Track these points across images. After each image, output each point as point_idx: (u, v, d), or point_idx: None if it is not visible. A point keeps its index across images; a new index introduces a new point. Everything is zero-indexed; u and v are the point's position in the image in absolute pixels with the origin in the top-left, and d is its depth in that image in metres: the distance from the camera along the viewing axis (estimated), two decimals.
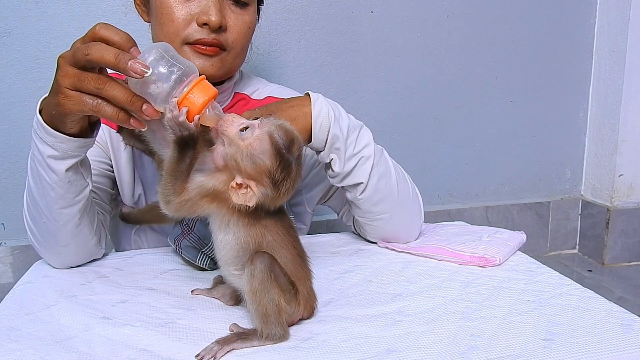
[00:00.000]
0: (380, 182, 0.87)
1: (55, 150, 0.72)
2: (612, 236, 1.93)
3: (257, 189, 0.61)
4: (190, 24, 0.89)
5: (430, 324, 0.67)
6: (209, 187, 0.64)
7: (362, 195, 0.87)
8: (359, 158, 0.85)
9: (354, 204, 0.91)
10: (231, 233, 0.64)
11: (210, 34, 0.90)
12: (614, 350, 0.60)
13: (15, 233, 1.55)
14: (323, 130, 0.82)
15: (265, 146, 0.60)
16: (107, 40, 0.63)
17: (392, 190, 0.89)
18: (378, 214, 0.91)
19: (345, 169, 0.85)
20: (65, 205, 0.78)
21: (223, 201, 0.64)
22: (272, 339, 0.62)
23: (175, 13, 0.89)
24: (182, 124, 0.60)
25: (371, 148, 0.86)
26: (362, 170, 0.85)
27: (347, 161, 0.85)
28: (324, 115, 0.82)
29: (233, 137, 0.61)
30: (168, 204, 0.64)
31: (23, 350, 0.60)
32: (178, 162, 0.63)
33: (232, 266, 0.65)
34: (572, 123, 1.99)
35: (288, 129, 0.63)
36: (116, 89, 0.63)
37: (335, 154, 0.84)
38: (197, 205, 0.64)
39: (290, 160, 0.62)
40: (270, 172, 0.61)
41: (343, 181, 0.87)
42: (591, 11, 1.91)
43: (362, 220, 0.94)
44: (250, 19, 0.96)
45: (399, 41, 1.75)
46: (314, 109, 0.82)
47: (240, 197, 0.61)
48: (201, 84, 0.61)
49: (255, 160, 0.60)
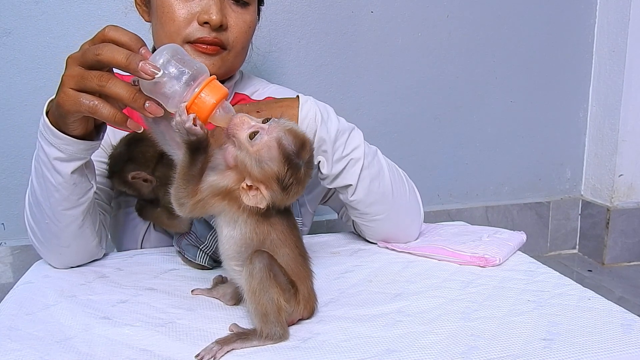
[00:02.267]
0: (372, 184, 0.87)
1: (61, 152, 0.72)
2: (612, 236, 1.93)
3: (266, 192, 0.61)
4: (191, 22, 0.90)
5: (430, 324, 0.67)
6: (220, 186, 0.64)
7: (354, 197, 0.88)
8: (347, 160, 0.85)
9: (348, 206, 0.92)
10: (238, 229, 0.65)
11: (211, 32, 0.90)
12: (614, 350, 0.60)
13: (15, 233, 1.55)
14: (309, 133, 0.81)
15: (274, 153, 0.61)
16: (116, 42, 0.63)
17: (386, 192, 0.89)
18: (373, 215, 0.91)
19: (334, 171, 0.85)
20: (69, 207, 0.78)
21: (234, 199, 0.64)
22: (272, 338, 0.62)
23: (176, 12, 0.89)
24: (189, 130, 0.60)
25: (361, 150, 0.86)
26: (351, 173, 0.85)
27: (335, 163, 0.84)
28: (310, 118, 0.82)
29: (243, 142, 0.62)
30: (182, 206, 0.65)
31: (23, 350, 0.60)
32: (190, 165, 0.63)
33: (234, 261, 0.65)
34: (572, 123, 1.99)
35: (298, 132, 0.63)
36: (119, 86, 0.63)
37: (322, 157, 0.84)
38: (209, 204, 0.64)
39: (299, 165, 0.62)
40: (278, 177, 0.61)
41: (333, 183, 0.87)
42: (591, 11, 1.91)
43: (358, 221, 0.94)
44: (251, 18, 0.96)
45: (399, 41, 1.75)
46: (301, 112, 0.82)
47: (252, 199, 0.62)
48: (211, 84, 0.61)
49: (263, 167, 0.61)
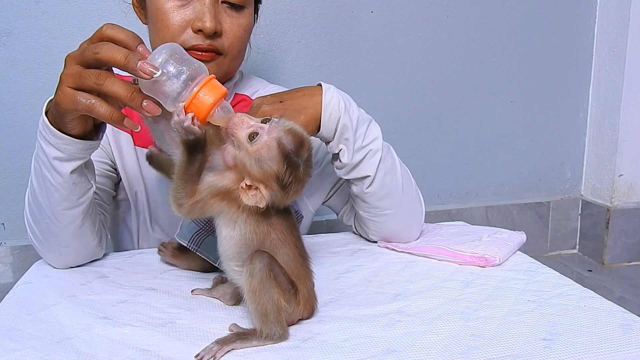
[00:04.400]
0: (386, 177, 0.88)
1: (60, 152, 0.72)
2: (612, 236, 1.93)
3: (266, 192, 0.61)
4: (186, 30, 0.89)
5: (430, 324, 0.67)
6: (219, 186, 0.64)
7: (369, 189, 0.88)
8: (367, 151, 0.86)
9: (359, 198, 0.92)
10: (237, 229, 0.65)
11: (206, 39, 0.89)
12: (614, 350, 0.60)
13: (15, 233, 1.55)
14: (333, 120, 0.83)
15: (273, 153, 0.61)
16: (114, 39, 0.63)
17: (397, 187, 0.90)
18: (383, 209, 0.91)
19: (354, 160, 0.86)
20: (68, 207, 0.78)
21: (233, 200, 0.64)
22: (272, 338, 0.62)
23: (170, 20, 0.89)
24: (187, 129, 0.61)
25: (379, 142, 0.87)
26: (370, 164, 0.86)
27: (356, 153, 0.85)
28: (334, 105, 0.82)
29: (242, 141, 0.62)
30: (180, 206, 0.65)
31: (23, 350, 0.60)
32: (188, 165, 0.63)
33: (234, 261, 0.65)
34: (572, 123, 1.99)
35: (297, 132, 0.63)
36: (117, 84, 0.63)
37: (344, 145, 0.85)
38: (208, 204, 0.64)
39: (298, 164, 0.62)
40: (278, 176, 0.61)
41: (350, 173, 0.88)
42: (591, 11, 1.91)
43: (366, 216, 0.94)
44: (247, 22, 0.95)
45: (399, 41, 1.75)
46: (325, 98, 0.82)
47: (251, 199, 0.62)
48: (210, 83, 0.61)
49: (262, 166, 0.61)
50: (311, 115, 0.82)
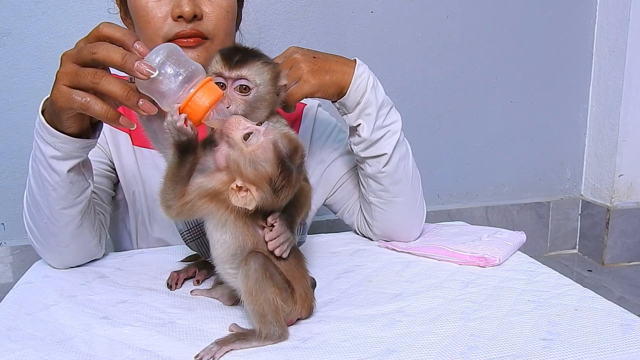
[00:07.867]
0: (400, 163, 0.90)
1: (57, 151, 0.72)
2: (612, 236, 1.93)
3: (256, 194, 0.61)
4: (167, 20, 0.89)
5: (430, 324, 0.67)
6: (208, 187, 0.64)
7: (385, 168, 0.89)
8: (386, 130, 0.88)
9: (373, 180, 0.92)
10: (228, 232, 0.64)
11: (187, 25, 0.89)
12: (614, 350, 0.60)
13: (15, 233, 1.55)
14: (359, 92, 0.85)
15: (269, 154, 0.61)
16: (110, 38, 0.63)
17: (408, 175, 0.93)
18: (394, 194, 0.92)
19: (373, 137, 0.87)
20: (66, 206, 0.78)
21: (221, 201, 0.64)
22: (271, 338, 0.62)
23: (149, 14, 0.89)
24: (179, 129, 0.60)
25: (399, 125, 0.90)
26: (388, 143, 0.88)
27: (376, 130, 0.87)
28: (364, 78, 0.85)
29: (237, 142, 0.61)
30: (169, 208, 0.64)
31: (23, 350, 0.60)
32: (178, 167, 0.63)
33: (228, 264, 0.65)
34: (572, 123, 1.99)
35: (292, 137, 0.63)
36: (112, 83, 0.63)
37: (364, 120, 0.87)
38: (196, 205, 0.64)
39: (291, 169, 0.62)
40: (271, 179, 0.61)
41: (367, 150, 0.89)
42: (591, 11, 1.91)
43: (375, 201, 0.94)
44: (228, 3, 0.94)
45: (399, 41, 1.75)
46: (357, 70, 0.85)
47: (240, 200, 0.61)
48: (207, 85, 0.61)
49: (257, 167, 0.61)
50: (336, 80, 0.84)
